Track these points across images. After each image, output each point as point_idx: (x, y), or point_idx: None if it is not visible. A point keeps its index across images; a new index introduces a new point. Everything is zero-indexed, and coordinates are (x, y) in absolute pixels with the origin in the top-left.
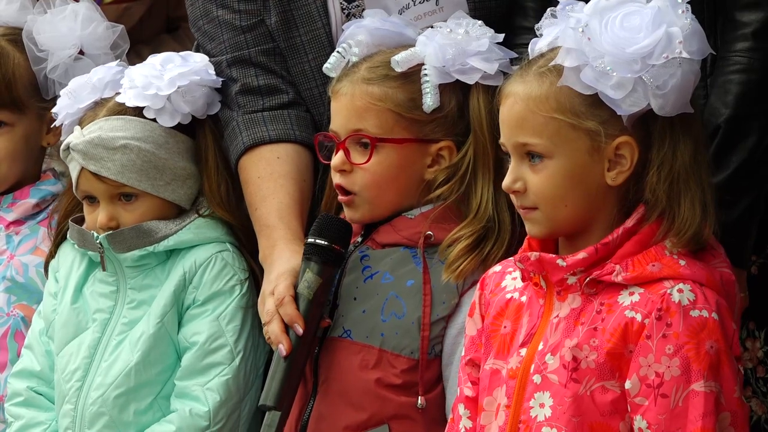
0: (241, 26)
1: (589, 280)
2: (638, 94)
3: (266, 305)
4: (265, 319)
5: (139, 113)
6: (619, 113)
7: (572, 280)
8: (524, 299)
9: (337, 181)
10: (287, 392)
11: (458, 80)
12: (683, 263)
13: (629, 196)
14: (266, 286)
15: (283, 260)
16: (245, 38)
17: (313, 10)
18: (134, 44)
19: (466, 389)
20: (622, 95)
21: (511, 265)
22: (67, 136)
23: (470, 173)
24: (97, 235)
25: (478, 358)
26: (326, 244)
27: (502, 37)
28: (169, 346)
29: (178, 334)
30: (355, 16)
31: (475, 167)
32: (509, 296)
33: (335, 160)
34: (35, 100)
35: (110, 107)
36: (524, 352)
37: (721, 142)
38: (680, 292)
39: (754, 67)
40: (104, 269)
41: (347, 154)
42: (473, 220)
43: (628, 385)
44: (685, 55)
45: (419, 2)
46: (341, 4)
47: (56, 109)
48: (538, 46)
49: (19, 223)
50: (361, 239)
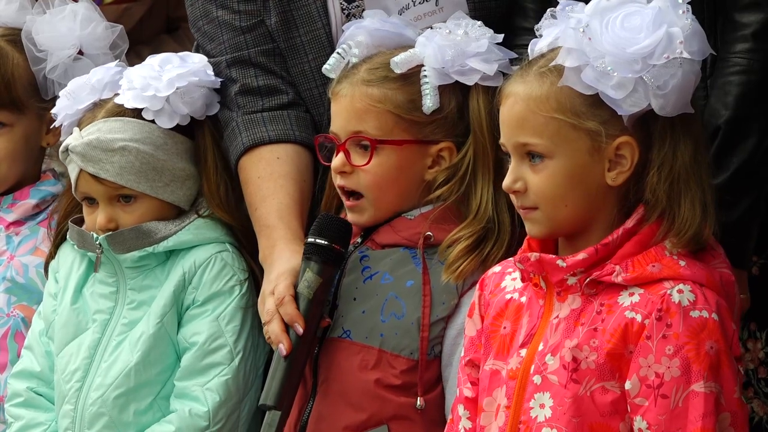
0: (240, 27)
1: (589, 280)
2: (639, 94)
3: (266, 305)
4: (265, 318)
5: (137, 114)
6: (619, 113)
7: (572, 280)
8: (524, 300)
9: (338, 182)
10: (287, 392)
11: (458, 81)
12: (683, 264)
13: (629, 196)
14: (266, 285)
15: (283, 260)
16: (245, 39)
17: (313, 10)
18: (134, 45)
19: (465, 390)
20: (622, 95)
21: (510, 265)
22: (66, 136)
23: (470, 174)
24: (96, 236)
25: (477, 358)
26: (326, 243)
27: (501, 37)
28: (168, 346)
29: (177, 334)
30: (355, 16)
31: (474, 168)
32: (509, 297)
33: (336, 162)
34: (34, 100)
35: (109, 108)
36: (524, 352)
37: (721, 143)
38: (680, 292)
39: (754, 68)
40: (97, 271)
41: (347, 155)
42: (473, 220)
43: (628, 385)
44: (685, 55)
45: (419, 2)
46: (341, 4)
47: (55, 110)
48: (538, 46)
49: (19, 223)
50: (360, 240)
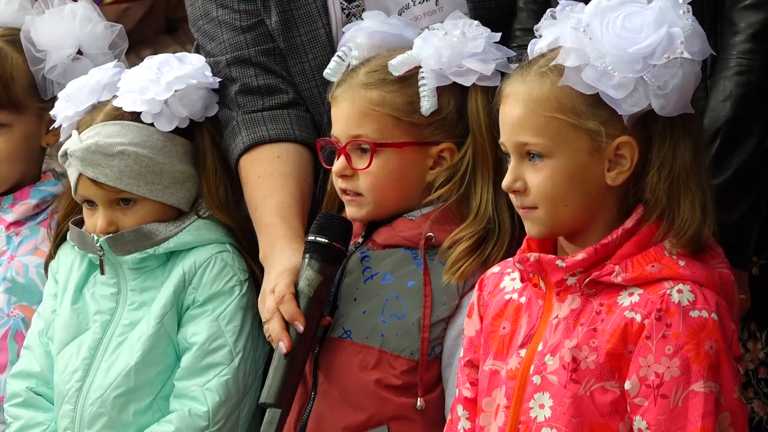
0: (241, 26)
1: (588, 280)
2: (639, 94)
3: (267, 303)
4: (265, 316)
5: (136, 118)
6: (619, 113)
7: (572, 280)
8: (523, 300)
9: (340, 185)
10: (288, 390)
11: (456, 82)
12: (683, 264)
13: (629, 196)
14: (267, 284)
15: (283, 258)
16: (245, 38)
17: (313, 10)
18: (134, 45)
19: (464, 390)
20: (623, 95)
21: (509, 266)
22: (65, 136)
23: (469, 174)
24: (97, 238)
25: (476, 359)
26: (327, 241)
27: (498, 36)
28: (168, 346)
29: (177, 334)
30: (355, 16)
31: (474, 168)
32: (508, 297)
33: (337, 165)
34: (34, 100)
35: (107, 111)
36: (523, 352)
37: (721, 143)
38: (680, 292)
39: (754, 68)
40: (103, 273)
41: (348, 159)
42: (473, 221)
43: (627, 385)
44: (686, 55)
45: (419, 2)
46: (341, 4)
47: (54, 112)
48: (537, 46)
49: (19, 223)
50: (362, 240)
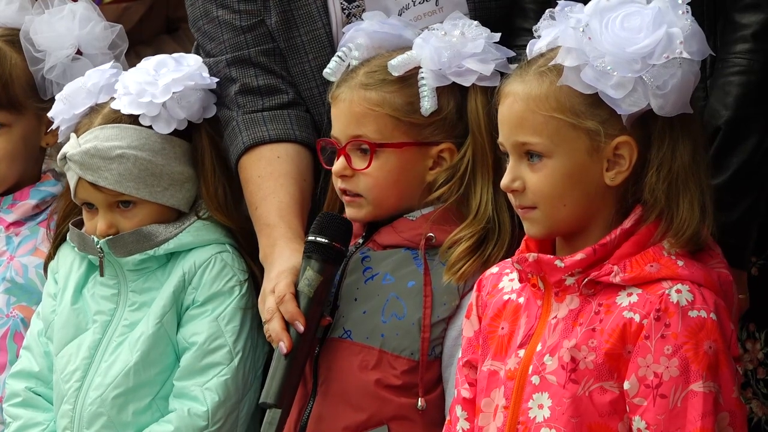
0: (241, 26)
1: (587, 281)
2: (638, 93)
3: (267, 303)
4: (265, 317)
5: (134, 120)
6: (619, 113)
7: (570, 281)
8: (522, 300)
9: (340, 186)
10: (288, 390)
11: (455, 82)
12: (681, 264)
13: (627, 196)
14: (267, 284)
15: (283, 258)
16: (245, 38)
17: (313, 10)
18: (134, 45)
19: (463, 390)
20: (622, 95)
21: (508, 266)
22: (63, 138)
23: (469, 174)
24: (97, 239)
25: (475, 359)
26: (327, 241)
27: (498, 36)
28: (168, 346)
29: (177, 334)
30: (355, 16)
31: (473, 168)
32: (506, 297)
33: (337, 166)
34: (33, 100)
35: (105, 114)
36: (522, 353)
37: (721, 143)
38: (678, 292)
39: (753, 68)
40: (102, 275)
41: (348, 159)
42: (473, 221)
43: (626, 385)
44: (685, 55)
45: (419, 2)
46: (341, 4)
47: (52, 114)
48: (537, 46)
49: (18, 224)
50: (362, 240)
